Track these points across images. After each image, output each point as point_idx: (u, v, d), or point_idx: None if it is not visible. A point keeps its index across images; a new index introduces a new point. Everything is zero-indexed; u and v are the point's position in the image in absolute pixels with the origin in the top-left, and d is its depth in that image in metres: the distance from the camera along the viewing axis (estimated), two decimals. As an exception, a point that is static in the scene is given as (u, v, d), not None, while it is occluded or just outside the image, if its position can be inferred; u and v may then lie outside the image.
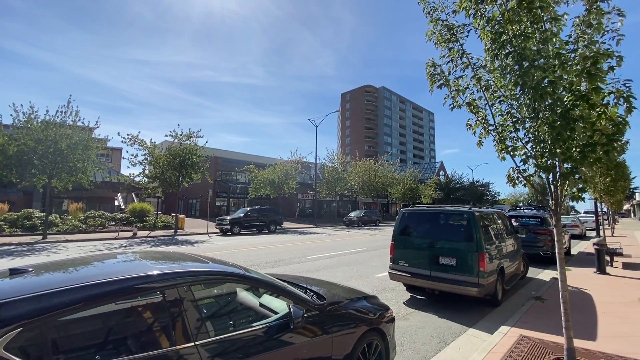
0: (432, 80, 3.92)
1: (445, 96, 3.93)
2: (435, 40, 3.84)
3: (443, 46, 3.82)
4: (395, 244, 6.53)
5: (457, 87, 3.83)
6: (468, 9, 3.52)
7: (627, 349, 3.79)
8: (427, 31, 3.89)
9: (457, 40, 3.77)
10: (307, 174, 41.97)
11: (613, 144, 3.23)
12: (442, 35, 3.78)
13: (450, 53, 3.83)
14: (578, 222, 20.58)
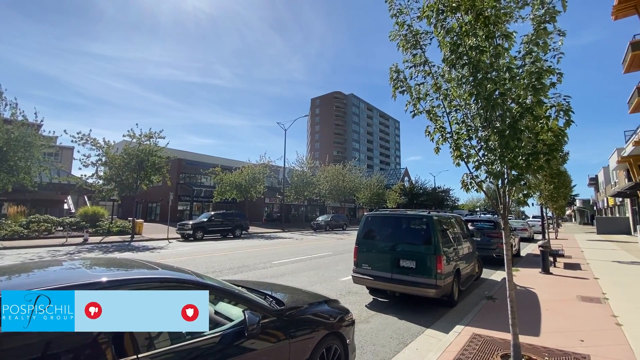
0: (395, 86, 4.04)
1: (407, 102, 4.06)
2: (399, 44, 3.95)
3: (407, 51, 3.95)
4: (359, 247, 6.61)
5: (418, 94, 3.97)
6: (430, 18, 3.68)
7: (566, 343, 4.11)
8: (392, 32, 4.01)
9: (420, 47, 3.92)
10: (275, 178, 41.56)
11: (554, 154, 3.52)
12: (407, 39, 3.90)
13: (414, 59, 3.97)
14: (527, 226, 22.26)
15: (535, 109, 3.33)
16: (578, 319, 5.10)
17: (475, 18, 3.31)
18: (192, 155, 40.39)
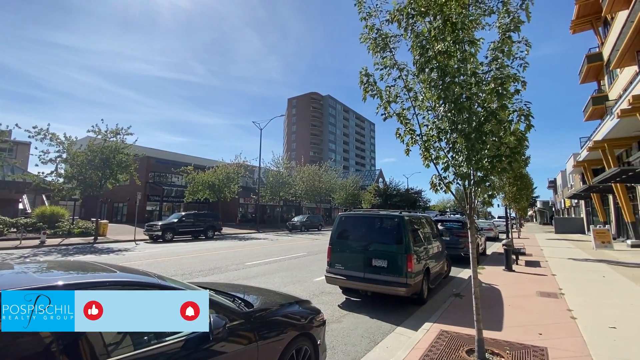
0: (366, 89, 4.08)
1: (378, 106, 4.11)
2: (369, 47, 4.00)
3: (376, 53, 4.00)
4: (333, 247, 6.63)
5: (389, 97, 4.03)
6: (400, 22, 3.75)
7: (526, 336, 4.33)
8: (362, 35, 4.05)
9: (389, 50, 3.98)
10: (250, 178, 40.93)
11: (516, 156, 3.70)
12: (377, 43, 3.95)
13: (383, 61, 4.03)
14: (492, 226, 23.36)
15: (499, 114, 3.48)
16: (537, 313, 5.39)
17: (443, 23, 3.41)
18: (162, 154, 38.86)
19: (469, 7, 3.63)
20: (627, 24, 14.49)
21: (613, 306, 5.71)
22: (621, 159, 18.52)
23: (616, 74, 19.82)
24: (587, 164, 23.91)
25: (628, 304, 5.86)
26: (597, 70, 23.70)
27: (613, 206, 22.07)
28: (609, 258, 12.01)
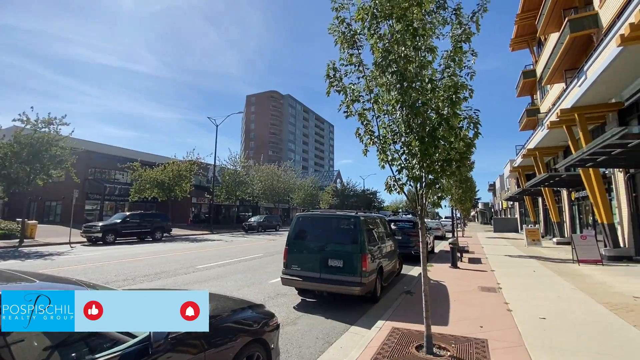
0: (331, 83, 4.07)
1: (341, 103, 4.12)
2: (337, 39, 3.97)
3: (344, 48, 3.99)
4: (289, 248, 6.53)
5: (353, 95, 4.06)
6: (364, 21, 3.77)
7: (469, 329, 4.62)
8: (331, 25, 4.01)
9: (357, 47, 4.00)
10: (204, 176, 39.14)
11: (464, 161, 3.92)
12: (345, 37, 3.95)
13: (350, 58, 4.04)
14: (440, 226, 24.91)
15: (451, 120, 3.66)
16: (479, 307, 5.80)
17: (405, 28, 3.50)
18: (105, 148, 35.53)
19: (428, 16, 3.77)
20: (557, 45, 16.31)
21: (543, 298, 6.34)
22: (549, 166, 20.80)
23: (547, 90, 22.25)
24: (521, 170, 26.53)
25: (555, 296, 6.55)
26: (531, 86, 26.42)
27: (542, 208, 24.73)
28: (539, 254, 13.41)
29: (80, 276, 8.00)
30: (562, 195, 19.41)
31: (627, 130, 7.46)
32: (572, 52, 15.69)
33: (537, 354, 3.76)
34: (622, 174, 11.41)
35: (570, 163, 10.99)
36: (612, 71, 8.60)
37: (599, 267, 9.90)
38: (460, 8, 4.01)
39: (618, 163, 10.40)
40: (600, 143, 8.12)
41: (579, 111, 11.72)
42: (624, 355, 3.70)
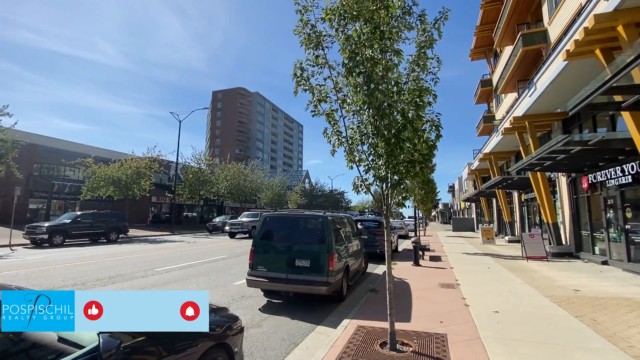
0: (298, 82, 4.03)
1: (309, 102, 4.10)
2: (302, 41, 3.94)
3: (309, 49, 3.97)
4: (255, 249, 6.39)
5: (320, 95, 4.05)
6: (332, 21, 3.78)
7: (430, 325, 4.80)
8: (296, 27, 3.98)
9: (322, 48, 3.99)
10: (166, 174, 37.30)
11: (427, 162, 4.07)
12: (310, 39, 3.92)
13: (316, 60, 4.02)
14: (403, 225, 25.79)
15: (416, 122, 3.78)
16: (439, 303, 6.06)
17: (372, 30, 3.55)
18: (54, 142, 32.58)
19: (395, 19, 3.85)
20: (511, 57, 17.55)
21: (496, 293, 6.77)
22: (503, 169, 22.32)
23: (502, 98, 23.87)
24: (478, 173, 28.24)
25: (507, 290, 7.02)
26: (488, 94, 28.21)
27: (496, 208, 26.49)
28: (493, 252, 14.34)
29: (22, 282, 7.24)
30: (514, 197, 20.93)
31: (570, 138, 8.20)
32: (524, 65, 16.97)
33: (492, 345, 3.99)
34: (565, 177, 12.53)
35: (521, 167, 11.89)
36: (558, 83, 9.42)
37: (545, 263, 10.79)
38: (424, 14, 4.16)
39: (562, 167, 11.41)
40: (547, 149, 8.86)
41: (529, 119, 12.70)
42: (567, 343, 4.05)
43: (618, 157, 8.81)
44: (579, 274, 8.75)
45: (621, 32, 6.36)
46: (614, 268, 9.29)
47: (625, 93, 5.10)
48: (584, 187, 11.03)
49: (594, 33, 6.76)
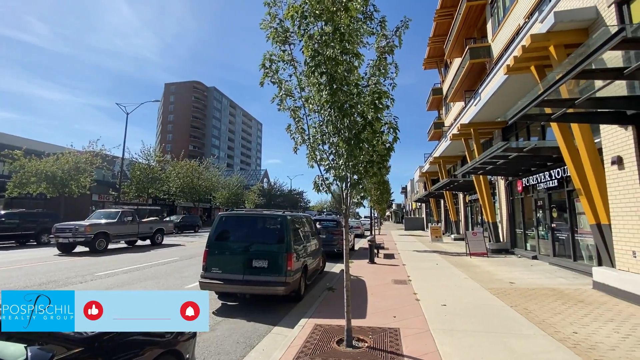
0: (266, 74, 3.94)
1: (275, 95, 4.02)
2: (269, 35, 3.86)
3: (276, 44, 3.89)
4: (210, 250, 6.13)
5: (287, 91, 3.99)
6: (294, 19, 3.74)
7: (384, 320, 4.98)
8: (263, 21, 3.88)
9: (289, 44, 3.93)
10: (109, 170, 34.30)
11: (384, 163, 4.22)
12: (278, 33, 3.85)
13: (282, 55, 3.96)
14: (360, 225, 26.54)
15: (375, 124, 3.89)
16: (392, 299, 6.31)
17: (333, 31, 3.58)
18: (-31, 130, 28.32)
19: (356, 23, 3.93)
20: (459, 69, 18.92)
21: (444, 287, 7.23)
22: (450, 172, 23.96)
23: (450, 106, 25.62)
24: (428, 175, 30.01)
25: (453, 285, 7.53)
26: (439, 102, 30.12)
27: (443, 208, 28.34)
28: (440, 249, 15.32)
29: None
30: (459, 198, 22.57)
31: (508, 145, 9.04)
32: (470, 76, 18.39)
33: (440, 337, 4.25)
34: (503, 181, 13.79)
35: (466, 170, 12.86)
36: (499, 95, 10.34)
37: (485, 258, 11.78)
38: (385, 21, 4.30)
39: (501, 172, 12.55)
40: (489, 154, 9.67)
41: (474, 127, 13.79)
42: (505, 331, 4.45)
43: (547, 164, 9.91)
44: (514, 268, 9.69)
45: (552, 52, 7.17)
46: (542, 262, 10.43)
47: (555, 106, 5.75)
48: (519, 190, 12.25)
49: (530, 51, 7.54)
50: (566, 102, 5.49)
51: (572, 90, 5.84)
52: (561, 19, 6.72)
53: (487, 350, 3.81)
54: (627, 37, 3.50)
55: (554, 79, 4.96)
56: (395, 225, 56.87)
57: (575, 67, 4.19)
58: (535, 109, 5.99)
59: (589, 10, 6.57)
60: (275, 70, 4.00)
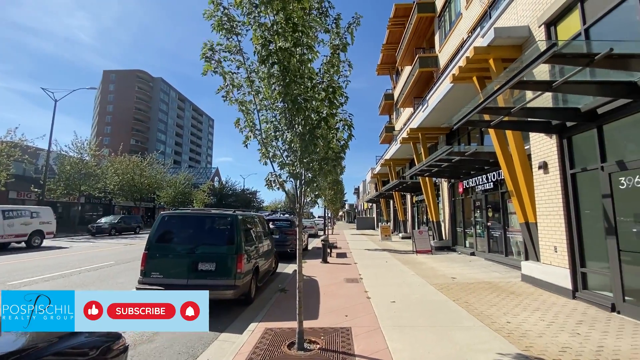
0: (209, 64, 3.63)
1: (220, 87, 3.74)
2: (213, 25, 3.57)
3: (221, 34, 3.62)
4: (150, 253, 5.59)
5: (232, 81, 3.73)
6: (243, 7, 3.52)
7: (336, 320, 4.95)
8: (206, 10, 3.58)
9: (236, 34, 3.68)
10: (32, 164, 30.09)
11: (339, 161, 4.17)
12: (222, 22, 3.57)
13: (229, 45, 3.69)
14: (314, 224, 26.65)
15: (329, 120, 3.82)
16: (344, 298, 6.33)
17: (285, 21, 3.43)
18: None
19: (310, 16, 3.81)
20: (409, 76, 19.92)
21: (393, 285, 7.46)
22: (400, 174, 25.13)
23: (401, 112, 26.89)
24: (379, 176, 31.18)
25: (401, 281, 7.81)
26: (390, 107, 31.47)
27: (393, 209, 29.65)
28: (390, 247, 15.93)
29: None
30: (407, 199, 23.77)
31: (452, 149, 9.67)
32: (419, 84, 19.47)
33: (390, 333, 4.32)
34: (446, 183, 14.78)
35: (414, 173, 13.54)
36: (445, 102, 11.02)
37: (430, 255, 12.49)
38: (339, 18, 4.26)
39: (445, 174, 13.42)
40: (434, 157, 10.26)
41: (422, 131, 14.58)
42: (449, 324, 4.67)
43: (484, 167, 10.80)
44: (455, 264, 10.39)
45: (491, 65, 7.81)
46: (479, 258, 11.34)
47: (493, 113, 6.25)
48: (460, 191, 13.21)
49: (473, 62, 8.13)
50: (503, 111, 5.98)
51: (508, 100, 6.38)
52: (500, 35, 7.33)
53: (433, 344, 3.95)
54: (557, 52, 3.88)
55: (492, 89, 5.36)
56: (348, 225, 58.24)
57: (514, 77, 4.55)
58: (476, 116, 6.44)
59: (523, 28, 7.26)
60: (219, 61, 3.72)
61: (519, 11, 7.56)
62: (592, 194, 5.67)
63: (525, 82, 4.97)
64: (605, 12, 5.33)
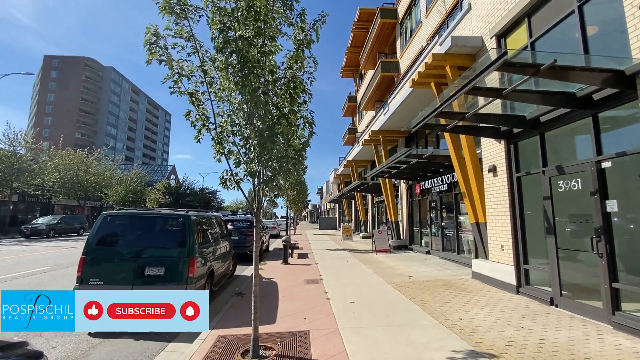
0: (152, 52, 3.29)
1: (166, 77, 3.41)
2: (161, 7, 3.25)
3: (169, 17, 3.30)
4: (88, 258, 5.05)
5: (181, 70, 3.42)
6: None
7: (294, 323, 4.80)
8: None
9: (187, 19, 3.38)
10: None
11: (299, 159, 4.03)
12: (171, 4, 3.26)
13: (180, 30, 3.39)
14: (276, 225, 26.27)
15: (290, 116, 3.67)
16: (304, 299, 6.21)
17: (247, 8, 3.23)
18: None
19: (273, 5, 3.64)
20: (372, 80, 20.35)
21: (352, 284, 7.48)
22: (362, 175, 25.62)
23: (363, 114, 27.42)
24: (342, 177, 31.58)
25: (360, 281, 7.86)
26: (353, 109, 32.00)
27: (354, 209, 30.16)
28: (351, 247, 16.12)
29: None
30: (368, 199, 24.28)
31: (410, 151, 9.98)
32: (381, 87, 19.97)
33: (348, 335, 4.26)
34: (404, 184, 15.29)
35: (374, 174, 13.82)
36: (405, 106, 11.37)
37: (389, 254, 12.80)
38: (304, 13, 4.14)
39: (403, 176, 13.86)
40: (394, 159, 10.53)
41: (382, 134, 14.94)
42: (406, 323, 4.73)
43: (440, 170, 11.30)
44: (412, 262, 10.73)
45: (448, 72, 8.17)
46: (434, 256, 11.84)
47: (449, 118, 6.51)
48: (417, 193, 13.72)
49: (432, 68, 8.45)
50: (457, 115, 6.24)
51: (462, 106, 6.69)
52: (456, 43, 7.68)
53: (390, 344, 3.96)
54: (508, 60, 4.09)
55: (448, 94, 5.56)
56: (310, 225, 58.29)
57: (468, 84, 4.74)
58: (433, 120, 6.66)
59: (477, 39, 7.67)
60: (165, 47, 3.41)
61: (474, 22, 7.99)
62: (535, 196, 6.11)
63: (478, 89, 5.21)
64: (549, 27, 5.77)
